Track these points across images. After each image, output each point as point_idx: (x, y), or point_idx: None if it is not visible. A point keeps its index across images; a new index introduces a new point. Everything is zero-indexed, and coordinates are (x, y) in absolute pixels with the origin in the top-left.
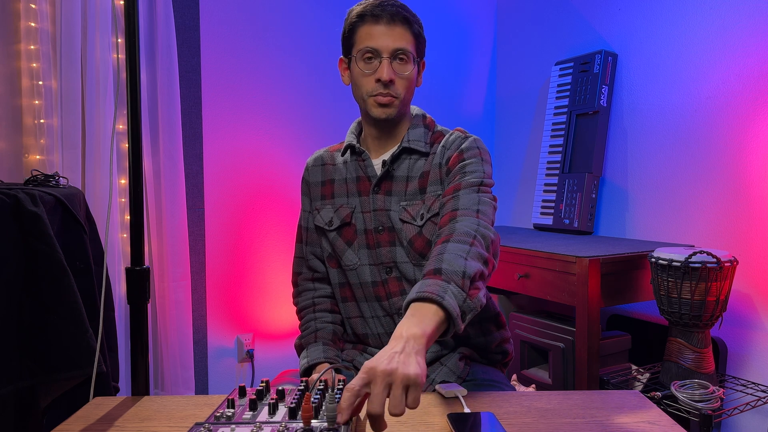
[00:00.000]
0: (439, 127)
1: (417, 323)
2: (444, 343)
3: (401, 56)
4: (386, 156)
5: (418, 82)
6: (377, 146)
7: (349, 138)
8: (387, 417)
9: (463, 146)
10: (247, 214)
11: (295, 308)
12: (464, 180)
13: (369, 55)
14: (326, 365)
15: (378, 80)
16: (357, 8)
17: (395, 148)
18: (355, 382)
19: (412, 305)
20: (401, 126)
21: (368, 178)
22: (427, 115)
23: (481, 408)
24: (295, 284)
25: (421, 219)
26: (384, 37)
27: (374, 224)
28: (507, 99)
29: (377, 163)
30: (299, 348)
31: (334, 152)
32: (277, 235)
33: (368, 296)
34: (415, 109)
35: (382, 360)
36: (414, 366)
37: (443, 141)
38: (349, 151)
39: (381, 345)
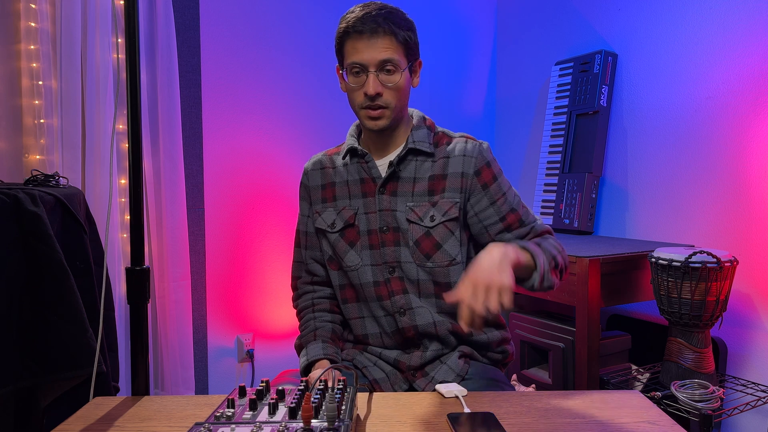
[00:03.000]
0: (439, 129)
1: (515, 250)
2: (445, 342)
3: (387, 67)
4: (391, 157)
5: (414, 82)
6: (378, 148)
7: (350, 141)
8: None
9: (493, 168)
10: (247, 214)
11: (294, 311)
12: (521, 213)
13: (356, 69)
14: (326, 362)
15: (365, 93)
16: (343, 22)
17: (400, 149)
18: (463, 291)
19: (508, 244)
20: (399, 130)
21: (373, 180)
22: (427, 117)
23: (481, 408)
24: (294, 288)
25: (431, 221)
26: (368, 50)
27: (379, 224)
28: (507, 99)
29: (381, 164)
30: (299, 348)
31: (332, 155)
32: (278, 235)
33: (369, 297)
34: (414, 113)
35: (483, 271)
36: (507, 276)
37: (457, 147)
38: (349, 154)
39: (381, 344)
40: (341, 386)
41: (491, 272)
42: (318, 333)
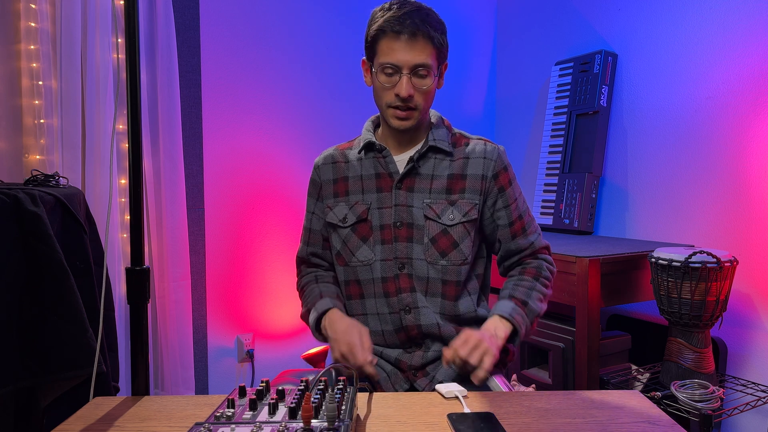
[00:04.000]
0: (456, 130)
1: (503, 329)
2: (447, 343)
3: (421, 72)
4: (410, 153)
5: (440, 84)
6: (396, 145)
7: (367, 135)
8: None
9: (509, 172)
10: (247, 214)
11: (296, 308)
12: (526, 222)
13: (389, 70)
14: (336, 311)
15: (397, 94)
16: (379, 17)
17: (419, 146)
18: (457, 340)
19: (502, 319)
20: (420, 129)
21: (389, 175)
22: (444, 118)
23: (481, 408)
24: (298, 274)
25: (450, 219)
26: (404, 52)
27: (394, 219)
28: (507, 99)
29: (399, 160)
30: (305, 315)
31: (345, 150)
32: (277, 234)
33: (377, 293)
34: (433, 113)
35: (478, 333)
36: (495, 349)
37: (477, 149)
38: (365, 149)
39: (383, 342)
40: (341, 386)
41: (484, 336)
42: (324, 293)
